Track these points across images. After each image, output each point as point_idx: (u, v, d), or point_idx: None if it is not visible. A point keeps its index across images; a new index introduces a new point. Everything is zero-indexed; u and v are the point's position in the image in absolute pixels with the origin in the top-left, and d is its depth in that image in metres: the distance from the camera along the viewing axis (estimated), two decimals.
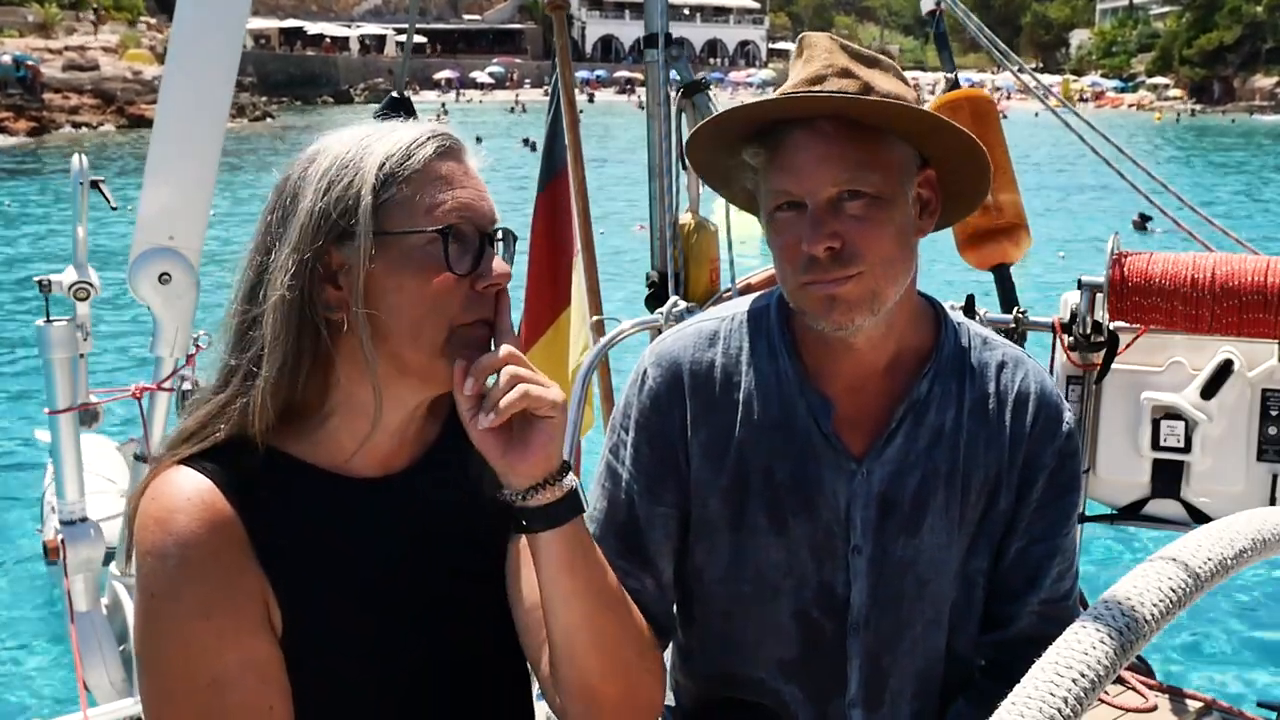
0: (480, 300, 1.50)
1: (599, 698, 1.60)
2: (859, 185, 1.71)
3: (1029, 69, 4.40)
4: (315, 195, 1.48)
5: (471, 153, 1.58)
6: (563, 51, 4.14)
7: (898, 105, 1.72)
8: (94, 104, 53.72)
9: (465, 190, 1.52)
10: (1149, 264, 3.15)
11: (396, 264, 1.48)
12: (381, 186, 1.48)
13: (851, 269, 1.71)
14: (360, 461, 1.58)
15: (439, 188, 1.50)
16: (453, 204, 1.50)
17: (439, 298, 1.48)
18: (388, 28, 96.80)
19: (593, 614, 1.56)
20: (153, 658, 1.47)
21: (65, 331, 4.00)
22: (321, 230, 1.47)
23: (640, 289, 3.83)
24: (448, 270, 1.47)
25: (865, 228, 1.71)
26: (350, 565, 1.56)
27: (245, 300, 1.52)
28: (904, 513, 1.85)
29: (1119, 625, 0.91)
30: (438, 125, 1.58)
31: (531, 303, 4.52)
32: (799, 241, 1.72)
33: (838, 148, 1.71)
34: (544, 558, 1.52)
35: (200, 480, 1.49)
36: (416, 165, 1.50)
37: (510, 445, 1.46)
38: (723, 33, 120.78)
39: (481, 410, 1.44)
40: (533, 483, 1.47)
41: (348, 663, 1.54)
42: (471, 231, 1.51)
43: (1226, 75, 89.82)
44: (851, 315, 1.74)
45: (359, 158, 1.49)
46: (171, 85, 3.65)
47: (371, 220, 1.46)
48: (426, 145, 1.51)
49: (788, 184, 1.74)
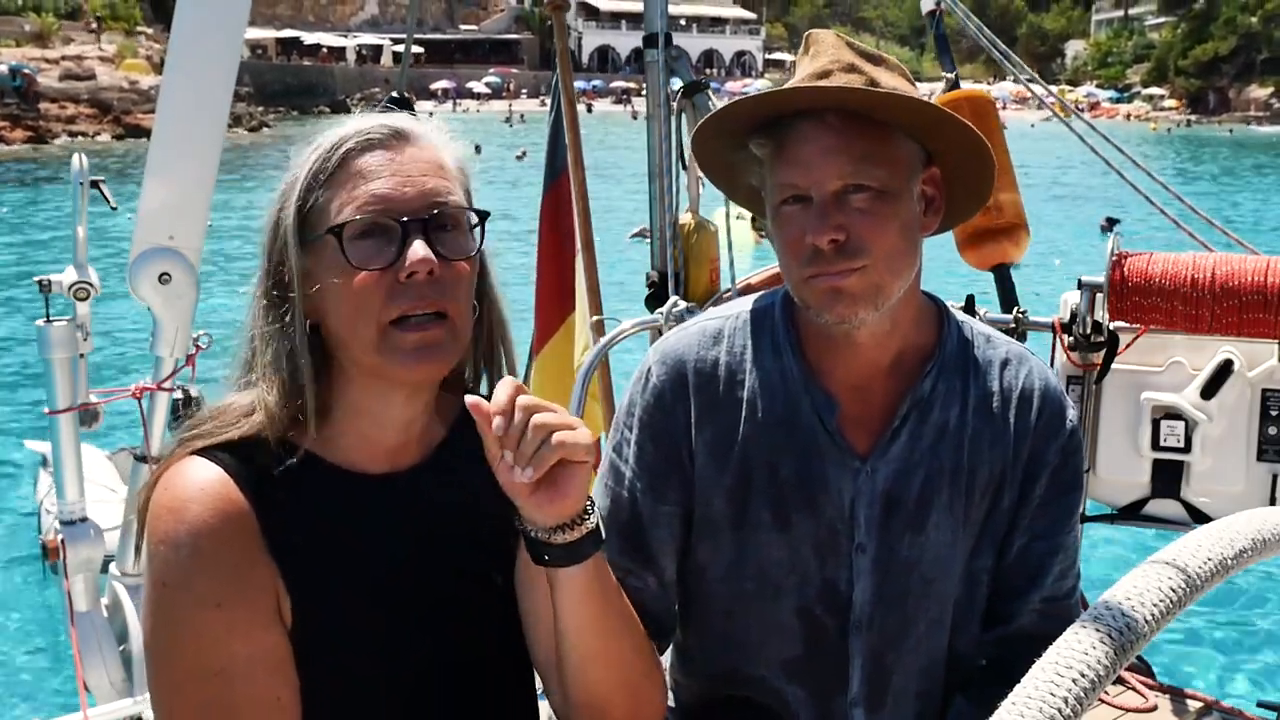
0: (404, 292, 1.48)
1: (607, 713, 1.62)
2: (864, 179, 1.71)
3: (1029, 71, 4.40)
4: (275, 205, 1.54)
5: (431, 139, 1.57)
6: (563, 53, 4.15)
7: (903, 97, 1.72)
8: (90, 114, 53.69)
9: (381, 181, 1.50)
10: (1149, 264, 3.16)
11: (324, 268, 1.50)
12: (306, 192, 1.51)
13: (856, 262, 1.71)
14: (367, 458, 1.59)
15: (352, 184, 1.50)
16: (364, 198, 1.49)
17: (359, 296, 1.48)
18: (384, 38, 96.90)
19: (606, 642, 1.57)
20: (163, 647, 1.47)
21: (65, 331, 4.00)
22: (276, 240, 1.53)
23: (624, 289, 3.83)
24: (349, 266, 1.47)
25: (870, 221, 1.71)
26: (359, 561, 1.56)
27: (251, 308, 1.57)
28: (908, 511, 1.85)
29: (1119, 625, 0.91)
30: (388, 117, 1.57)
31: (541, 306, 4.52)
32: (804, 234, 1.72)
33: (844, 141, 1.71)
34: (562, 590, 1.51)
35: (214, 471, 1.49)
36: (334, 165, 1.51)
37: (539, 487, 1.42)
38: (719, 43, 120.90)
39: (515, 464, 1.39)
40: (559, 523, 1.45)
41: (355, 657, 1.54)
42: (388, 223, 1.49)
43: (1222, 86, 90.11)
44: (855, 309, 1.74)
45: (300, 167, 1.53)
46: (172, 84, 3.64)
47: (295, 230, 1.50)
48: (349, 141, 1.52)
49: (793, 177, 1.74)
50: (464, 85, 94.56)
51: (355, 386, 1.56)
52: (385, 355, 1.49)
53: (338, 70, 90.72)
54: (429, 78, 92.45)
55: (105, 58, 57.34)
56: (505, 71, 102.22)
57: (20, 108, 51.10)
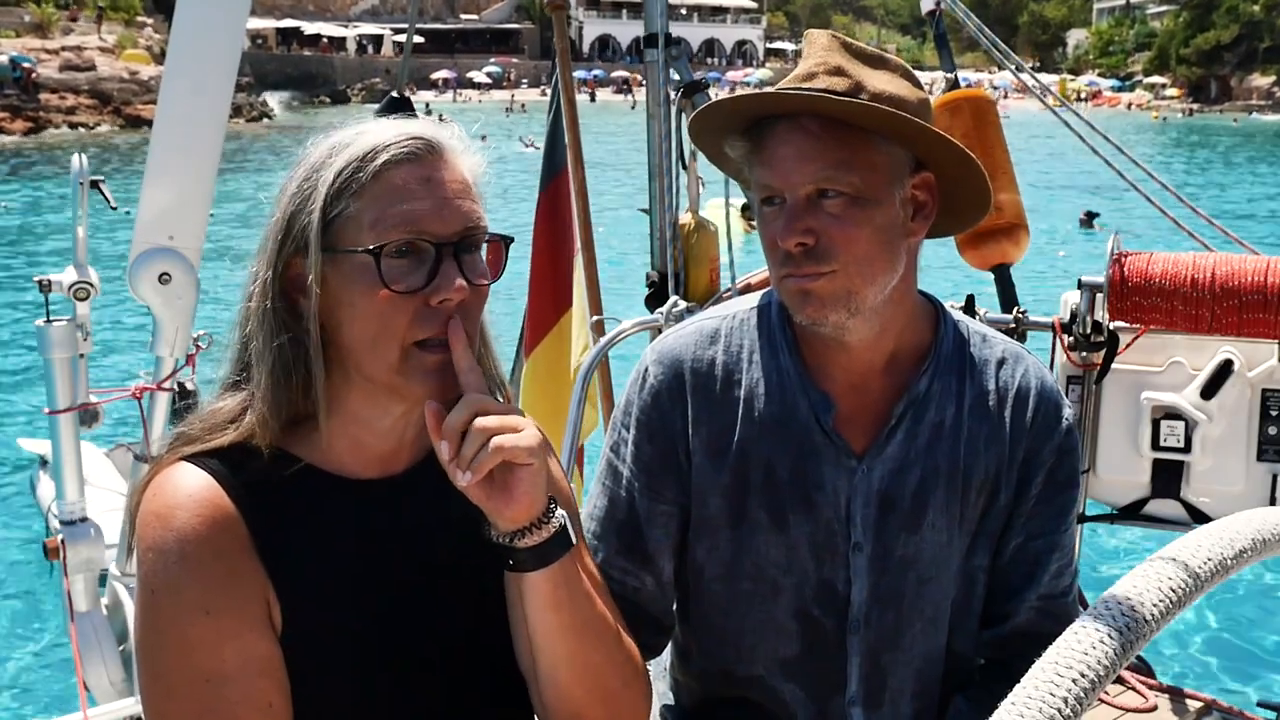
0: (433, 316, 1.47)
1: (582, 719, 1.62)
2: (836, 184, 1.71)
3: (1028, 68, 4.39)
4: (283, 206, 1.51)
5: (458, 152, 1.54)
6: (563, 53, 4.14)
7: (877, 109, 1.70)
8: (90, 104, 53.65)
9: (419, 201, 1.47)
10: (1149, 264, 3.15)
11: (347, 280, 1.47)
12: (334, 200, 1.47)
13: (824, 266, 1.72)
14: (359, 464, 1.59)
15: (389, 200, 1.47)
16: (400, 218, 1.46)
17: (385, 316, 1.46)
18: (385, 28, 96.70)
19: (577, 648, 1.57)
20: (152, 654, 1.47)
21: (65, 331, 3.99)
22: (284, 242, 1.49)
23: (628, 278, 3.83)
24: (378, 284, 1.45)
25: (841, 226, 1.71)
26: (350, 566, 1.56)
27: (242, 310, 1.54)
28: (904, 510, 1.85)
29: (1119, 625, 0.92)
30: (415, 126, 1.54)
31: (535, 304, 4.51)
32: (776, 236, 1.74)
33: (819, 145, 1.71)
34: (530, 595, 1.52)
35: (202, 477, 1.49)
36: (368, 177, 1.47)
37: (493, 492, 1.44)
38: (720, 32, 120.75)
39: (457, 467, 1.42)
40: (518, 526, 1.47)
41: (346, 663, 1.54)
42: (424, 245, 1.47)
43: (1224, 74, 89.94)
44: (825, 312, 1.74)
45: (322, 168, 1.49)
46: (172, 83, 3.64)
47: (319, 237, 1.46)
48: (383, 154, 1.48)
49: (768, 178, 1.76)
50: (464, 75, 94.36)
51: (355, 395, 1.55)
52: (406, 375, 1.48)
53: (338, 60, 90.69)
54: (429, 67, 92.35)
55: (105, 48, 57.28)
56: (506, 61, 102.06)
57: (20, 98, 51.06)
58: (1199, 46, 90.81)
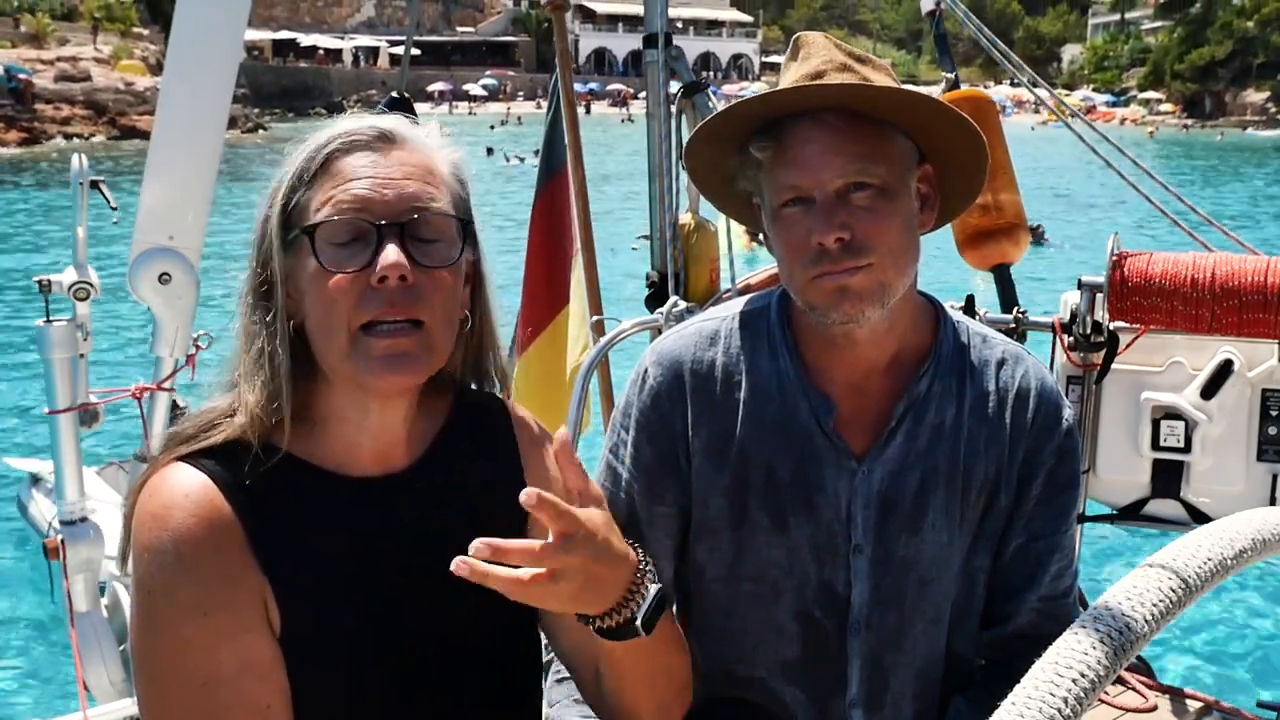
0: (375, 297, 1.46)
1: None
2: (866, 177, 1.72)
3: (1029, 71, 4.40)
4: (263, 205, 1.53)
5: (418, 141, 1.55)
6: (563, 54, 4.14)
7: (908, 92, 1.73)
8: (85, 115, 53.55)
9: (361, 182, 1.48)
10: (1149, 264, 3.16)
11: (302, 269, 1.48)
12: (290, 193, 1.49)
13: (861, 259, 1.72)
14: (355, 461, 1.58)
15: (332, 185, 1.48)
16: (340, 197, 1.47)
17: (331, 299, 1.46)
18: (381, 40, 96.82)
19: (655, 682, 1.61)
20: (148, 655, 1.46)
21: (65, 331, 3.99)
22: (260, 241, 1.52)
23: None
24: (321, 268, 1.45)
25: (873, 219, 1.72)
26: (348, 564, 1.55)
27: (239, 309, 1.56)
28: (905, 511, 1.85)
29: (1118, 625, 0.92)
30: (378, 119, 1.55)
31: (529, 304, 4.50)
32: (808, 235, 1.73)
33: (843, 140, 1.72)
34: (619, 651, 1.51)
35: (198, 477, 1.48)
36: (317, 167, 1.49)
37: None
38: (716, 46, 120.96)
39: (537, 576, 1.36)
40: (602, 611, 1.45)
41: (346, 662, 1.53)
42: (365, 226, 1.46)
43: (1218, 90, 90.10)
44: (861, 306, 1.74)
45: (288, 165, 1.52)
46: (172, 84, 3.64)
47: (280, 231, 1.48)
48: (333, 143, 1.50)
49: (794, 178, 1.74)
50: (460, 87, 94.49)
51: (335, 391, 1.55)
52: (355, 361, 1.47)
53: (334, 72, 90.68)
54: (425, 80, 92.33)
55: (101, 59, 57.26)
56: (501, 74, 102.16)
57: (15, 109, 51.00)
58: (1193, 62, 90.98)
